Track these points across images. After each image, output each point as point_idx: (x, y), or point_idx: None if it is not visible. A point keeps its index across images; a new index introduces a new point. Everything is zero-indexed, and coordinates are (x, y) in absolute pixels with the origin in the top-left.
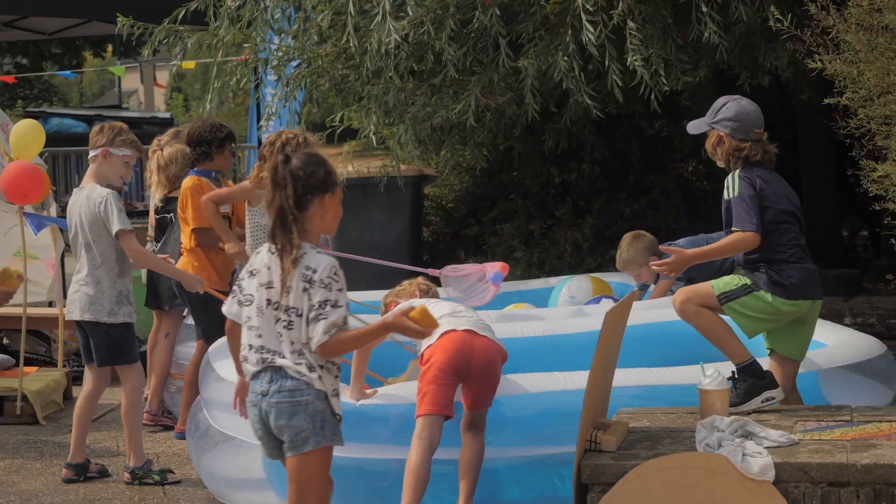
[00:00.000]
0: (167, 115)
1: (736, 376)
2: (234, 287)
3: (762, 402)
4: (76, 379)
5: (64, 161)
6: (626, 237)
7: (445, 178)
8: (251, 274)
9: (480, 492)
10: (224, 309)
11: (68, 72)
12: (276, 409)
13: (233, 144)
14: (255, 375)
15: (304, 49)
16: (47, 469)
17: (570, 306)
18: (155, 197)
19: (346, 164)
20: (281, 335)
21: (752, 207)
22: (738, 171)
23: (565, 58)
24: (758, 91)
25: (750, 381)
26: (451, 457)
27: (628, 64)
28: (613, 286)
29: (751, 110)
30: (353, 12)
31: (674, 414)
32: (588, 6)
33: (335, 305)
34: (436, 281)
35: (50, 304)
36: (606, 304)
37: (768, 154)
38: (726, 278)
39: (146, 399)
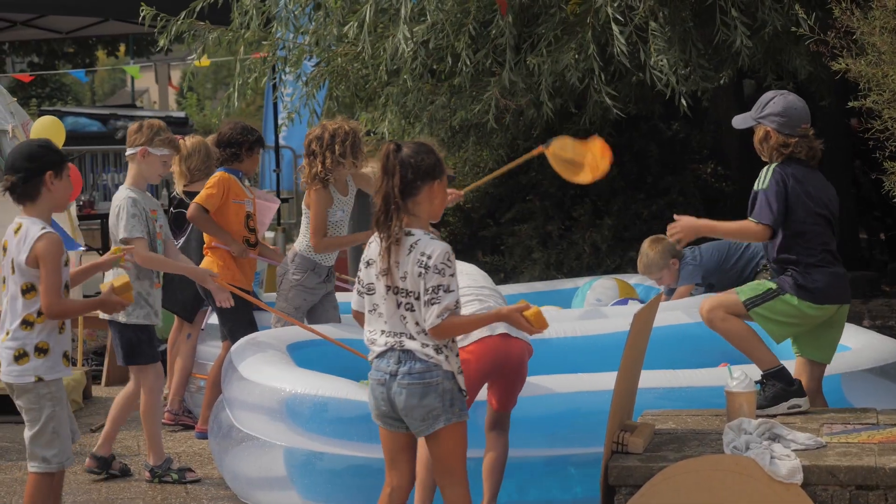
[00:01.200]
0: (182, 114)
1: (764, 381)
2: (356, 278)
3: (788, 407)
4: (95, 378)
5: (79, 160)
6: (646, 242)
7: (463, 179)
8: (367, 264)
9: (503, 492)
10: (353, 303)
11: (82, 71)
12: (407, 391)
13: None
14: (381, 355)
15: (324, 49)
16: (70, 468)
17: (591, 308)
18: (178, 187)
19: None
20: (405, 318)
21: (774, 202)
22: (774, 165)
23: (584, 59)
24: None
25: (779, 385)
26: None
27: (652, 63)
28: (635, 287)
29: (798, 106)
30: (368, 20)
31: (699, 416)
32: (611, 9)
33: (447, 290)
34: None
35: None
36: (633, 307)
37: (813, 150)
38: (752, 284)
39: (166, 398)
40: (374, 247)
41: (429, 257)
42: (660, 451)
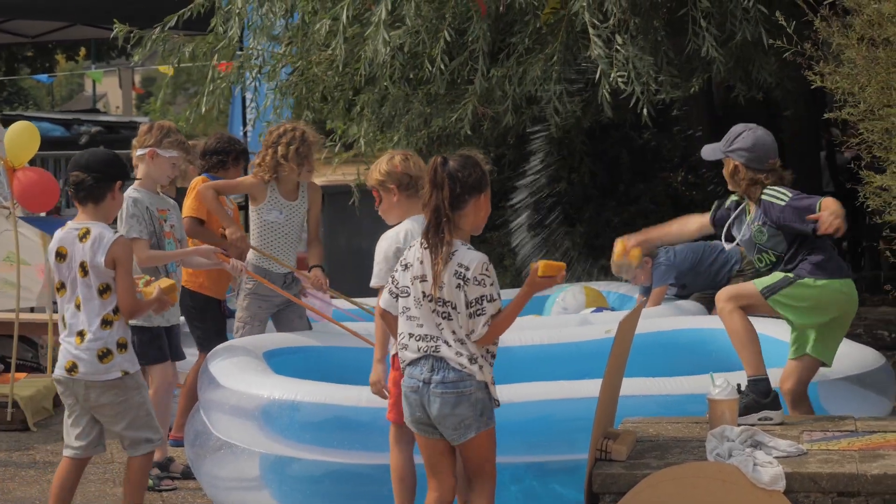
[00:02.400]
0: (146, 119)
1: (741, 389)
2: (389, 278)
3: (758, 419)
4: None
5: (42, 165)
6: (619, 241)
7: None
8: (405, 267)
9: None
10: (381, 301)
11: (44, 76)
12: (440, 399)
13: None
14: (414, 362)
15: (301, 55)
16: (42, 476)
17: (562, 316)
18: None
19: (335, 171)
20: (440, 325)
21: (804, 194)
22: (770, 187)
23: (551, 68)
24: (746, 103)
25: (752, 396)
26: None
27: (611, 79)
28: (605, 295)
29: (767, 141)
30: (346, 22)
31: (679, 423)
32: (592, 17)
33: (490, 300)
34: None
35: (31, 310)
36: (606, 315)
37: (784, 181)
38: (768, 276)
39: None
40: (413, 251)
41: (466, 269)
42: (643, 459)
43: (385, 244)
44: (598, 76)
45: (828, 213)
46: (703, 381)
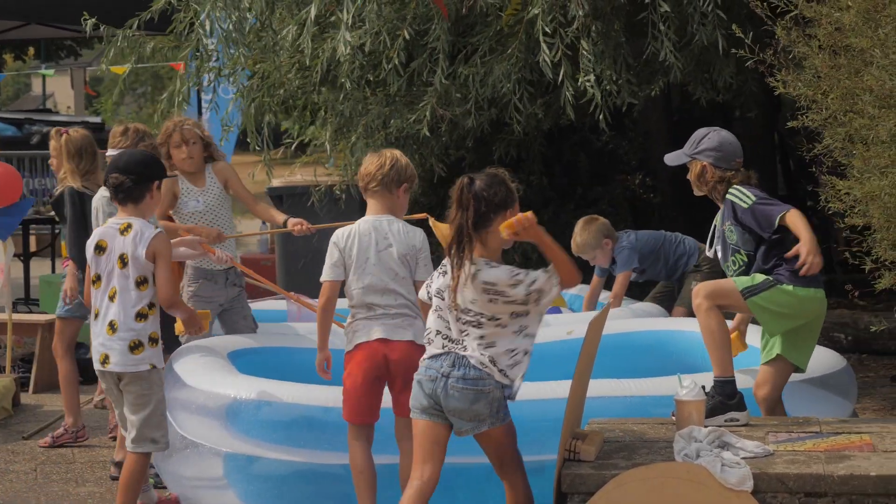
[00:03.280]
0: (98, 119)
1: (707, 391)
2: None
3: (725, 420)
4: (23, 385)
5: None
6: (580, 222)
7: None
8: (444, 273)
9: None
10: (421, 294)
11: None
12: (460, 394)
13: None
14: (436, 356)
15: (258, 59)
16: (3, 476)
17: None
18: (75, 183)
19: (293, 172)
20: (465, 332)
21: (772, 199)
22: (736, 186)
23: (515, 70)
24: (700, 108)
25: (718, 398)
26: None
27: (580, 84)
28: (562, 295)
29: (732, 141)
30: (311, 22)
31: (645, 424)
32: (545, 24)
33: (533, 280)
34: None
35: None
36: (566, 315)
37: (751, 180)
38: (747, 277)
39: (97, 405)
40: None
41: (494, 284)
42: (611, 459)
43: (331, 241)
44: (552, 76)
45: (806, 252)
46: (666, 382)
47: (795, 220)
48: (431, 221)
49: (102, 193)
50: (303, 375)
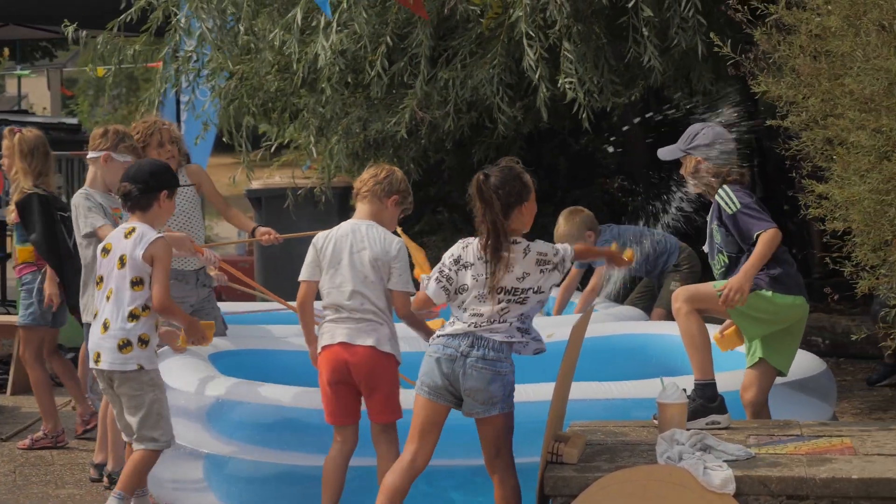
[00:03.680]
0: (75, 120)
1: (688, 394)
2: (436, 273)
3: (706, 423)
4: (2, 387)
5: None
6: (564, 212)
7: None
8: (464, 267)
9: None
10: (429, 291)
11: None
12: (477, 374)
13: None
14: (454, 335)
15: (238, 60)
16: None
17: None
18: (23, 186)
19: (272, 175)
20: (506, 309)
21: (759, 209)
22: (726, 187)
23: (496, 73)
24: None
25: (699, 401)
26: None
27: (559, 86)
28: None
29: (726, 136)
30: (298, 27)
31: (627, 427)
32: (527, 27)
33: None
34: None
35: None
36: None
37: (743, 175)
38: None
39: (73, 408)
40: (470, 251)
41: (545, 254)
42: (594, 462)
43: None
44: (535, 79)
45: (730, 291)
46: (646, 385)
47: (763, 242)
48: (400, 230)
49: (80, 192)
50: (284, 377)
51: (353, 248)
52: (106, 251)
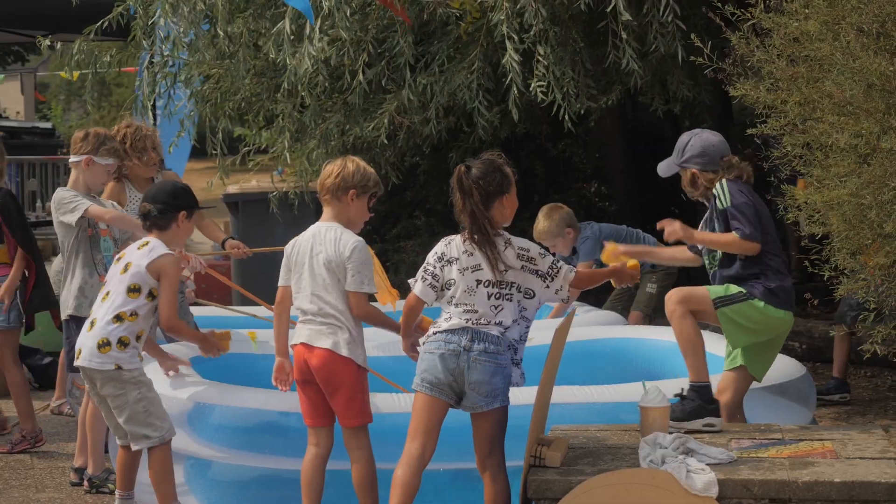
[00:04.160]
0: (48, 125)
1: (684, 394)
2: (421, 273)
3: (703, 424)
4: None
5: None
6: (544, 209)
7: None
8: (449, 262)
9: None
10: (416, 290)
11: None
12: (480, 366)
13: None
14: (452, 331)
15: (212, 65)
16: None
17: None
18: None
19: (249, 179)
20: (499, 307)
21: (751, 216)
22: (724, 181)
23: (471, 78)
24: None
25: (699, 402)
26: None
27: (531, 89)
28: None
29: (715, 141)
30: (289, 32)
31: (608, 430)
32: (506, 27)
33: (558, 262)
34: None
35: None
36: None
37: (744, 174)
38: (720, 286)
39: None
40: (454, 246)
41: (527, 250)
42: (576, 465)
43: None
44: (508, 81)
45: (671, 225)
46: (628, 388)
47: (730, 238)
48: (372, 253)
49: (62, 189)
50: (265, 381)
51: (312, 252)
52: (118, 260)
